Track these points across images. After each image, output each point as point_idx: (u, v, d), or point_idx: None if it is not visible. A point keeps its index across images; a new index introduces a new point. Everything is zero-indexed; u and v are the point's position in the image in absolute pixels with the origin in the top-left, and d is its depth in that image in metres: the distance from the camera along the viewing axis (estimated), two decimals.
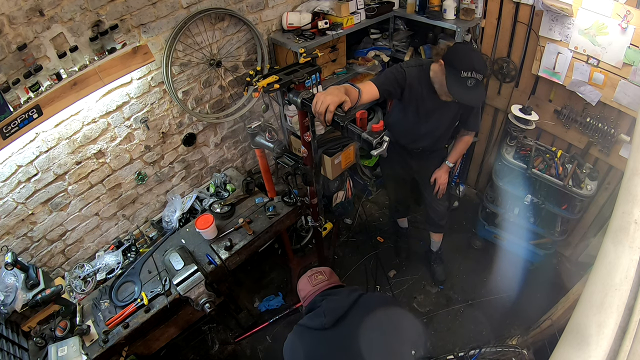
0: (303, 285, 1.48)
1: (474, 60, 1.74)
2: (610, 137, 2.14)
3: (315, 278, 1.45)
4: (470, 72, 1.72)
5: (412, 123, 2.10)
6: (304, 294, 1.45)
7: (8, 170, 1.80)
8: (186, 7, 2.04)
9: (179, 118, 2.34)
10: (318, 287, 1.43)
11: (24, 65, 1.62)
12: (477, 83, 1.75)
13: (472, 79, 1.73)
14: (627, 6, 1.80)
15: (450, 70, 1.77)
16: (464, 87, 1.75)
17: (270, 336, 2.55)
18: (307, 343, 1.25)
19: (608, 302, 1.01)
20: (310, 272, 1.50)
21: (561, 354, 1.06)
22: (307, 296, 1.42)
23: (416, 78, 1.91)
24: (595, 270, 1.12)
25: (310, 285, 1.44)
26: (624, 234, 1.09)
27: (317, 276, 1.46)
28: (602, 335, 0.97)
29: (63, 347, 1.75)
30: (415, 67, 1.93)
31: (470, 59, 1.74)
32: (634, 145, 1.33)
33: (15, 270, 1.82)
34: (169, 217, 2.38)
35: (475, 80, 1.74)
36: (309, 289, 1.43)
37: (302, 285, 1.48)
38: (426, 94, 1.94)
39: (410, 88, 1.92)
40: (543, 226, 2.58)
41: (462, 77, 1.73)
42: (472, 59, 1.75)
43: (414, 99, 1.97)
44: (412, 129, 2.13)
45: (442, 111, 2.02)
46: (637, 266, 1.04)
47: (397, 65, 1.95)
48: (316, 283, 1.43)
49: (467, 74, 1.72)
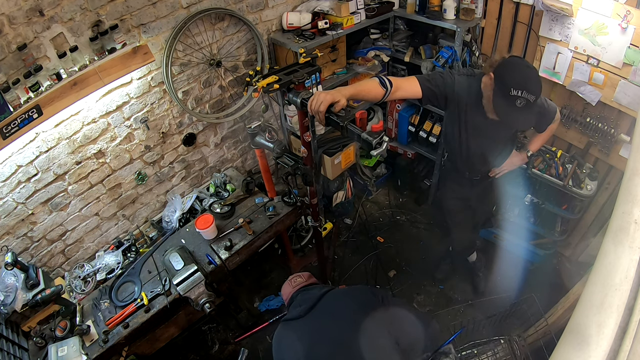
0: (285, 288, 1.64)
1: (528, 79, 1.54)
2: (610, 137, 2.14)
3: (295, 281, 1.62)
4: (522, 92, 1.52)
5: (460, 139, 1.92)
6: (285, 296, 1.61)
7: (8, 170, 1.80)
8: (186, 7, 2.04)
9: (179, 118, 2.34)
10: (296, 287, 1.58)
11: (24, 65, 1.63)
12: (527, 104, 1.54)
13: (522, 98, 1.53)
14: (627, 6, 1.80)
15: (500, 85, 1.58)
16: (511, 106, 1.55)
17: (270, 336, 2.53)
18: (287, 332, 1.38)
19: (608, 302, 1.01)
20: (290, 277, 1.67)
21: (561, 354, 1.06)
22: (288, 296, 1.58)
23: (466, 88, 1.73)
24: (595, 270, 1.12)
25: (290, 287, 1.60)
26: (624, 234, 1.09)
27: (296, 279, 1.63)
28: (602, 335, 0.97)
29: (63, 347, 1.75)
30: (466, 75, 1.76)
31: (523, 76, 1.55)
32: (634, 145, 1.33)
33: (15, 270, 1.82)
34: (169, 217, 2.38)
35: (525, 100, 1.53)
36: (289, 290, 1.59)
37: (284, 289, 1.64)
38: (475, 107, 1.75)
39: (457, 97, 1.75)
40: (543, 226, 2.58)
41: (511, 96, 1.54)
42: (526, 76, 1.55)
43: (462, 111, 1.80)
44: (460, 146, 1.95)
45: (494, 129, 1.79)
46: (637, 266, 1.04)
47: (447, 70, 1.82)
48: (295, 285, 1.60)
49: (517, 92, 1.52)
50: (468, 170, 2.10)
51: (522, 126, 1.73)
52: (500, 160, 2.05)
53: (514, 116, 1.59)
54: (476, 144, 1.91)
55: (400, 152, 3.38)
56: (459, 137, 1.92)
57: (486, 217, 2.56)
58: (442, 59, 2.52)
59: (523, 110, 1.56)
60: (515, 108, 1.56)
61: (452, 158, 2.14)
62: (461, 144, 1.95)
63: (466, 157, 2.00)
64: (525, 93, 1.52)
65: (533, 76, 1.57)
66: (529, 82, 1.54)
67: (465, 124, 1.86)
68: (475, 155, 1.96)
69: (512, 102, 1.55)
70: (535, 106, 1.59)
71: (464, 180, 2.15)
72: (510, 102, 1.55)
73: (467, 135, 1.89)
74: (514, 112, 1.57)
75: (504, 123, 1.69)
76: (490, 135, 1.86)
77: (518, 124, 1.69)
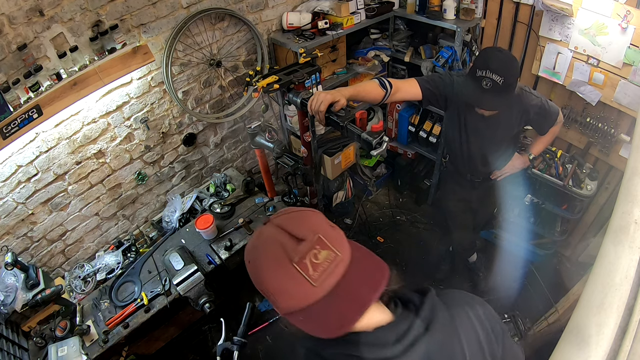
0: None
1: (493, 59, 1.56)
2: (610, 137, 2.14)
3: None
4: (485, 72, 1.54)
5: (460, 140, 1.93)
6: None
7: (8, 170, 1.80)
8: (186, 7, 2.04)
9: (179, 118, 2.34)
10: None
11: (24, 65, 1.62)
12: (494, 86, 1.56)
13: (487, 79, 1.54)
14: (627, 6, 1.80)
15: (469, 70, 1.64)
16: (479, 88, 1.58)
17: (270, 336, 2.54)
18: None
19: (608, 302, 1.01)
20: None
21: (561, 354, 1.05)
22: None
23: (464, 88, 1.75)
24: (595, 270, 1.12)
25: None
26: (624, 234, 1.09)
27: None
28: (602, 335, 0.97)
29: (63, 347, 1.75)
30: (464, 76, 1.78)
31: (488, 57, 1.57)
32: (634, 145, 1.33)
33: (15, 270, 1.82)
34: (169, 217, 2.38)
35: (491, 81, 1.55)
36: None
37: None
38: (472, 106, 1.79)
39: (457, 98, 1.78)
40: (543, 226, 2.58)
41: (477, 77, 1.57)
42: (492, 57, 1.57)
43: (462, 112, 1.83)
44: (461, 147, 1.97)
45: (493, 129, 1.82)
46: (637, 266, 1.04)
47: (447, 71, 1.85)
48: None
49: (482, 72, 1.55)
50: (469, 172, 2.10)
51: (488, 107, 1.70)
52: (501, 161, 2.04)
53: (479, 97, 1.61)
54: (476, 144, 1.91)
55: (400, 152, 3.38)
56: (459, 138, 1.92)
57: (487, 219, 2.56)
58: (442, 59, 2.52)
59: (489, 92, 1.57)
60: (482, 89, 1.57)
61: (453, 159, 2.14)
62: (461, 144, 1.95)
63: (467, 158, 2.00)
64: (489, 72, 1.53)
65: (500, 58, 1.57)
66: (493, 62, 1.54)
67: (464, 124, 1.87)
68: (476, 156, 1.96)
69: (479, 83, 1.57)
70: (503, 90, 1.57)
71: (465, 182, 2.15)
72: (477, 83, 1.57)
73: (467, 135, 1.90)
74: (480, 93, 1.58)
75: (508, 120, 1.69)
76: (489, 136, 1.86)
77: (483, 105, 1.68)
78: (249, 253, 0.74)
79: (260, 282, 0.69)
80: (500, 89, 1.56)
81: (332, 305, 0.65)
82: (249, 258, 0.73)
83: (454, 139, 1.96)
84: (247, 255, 0.74)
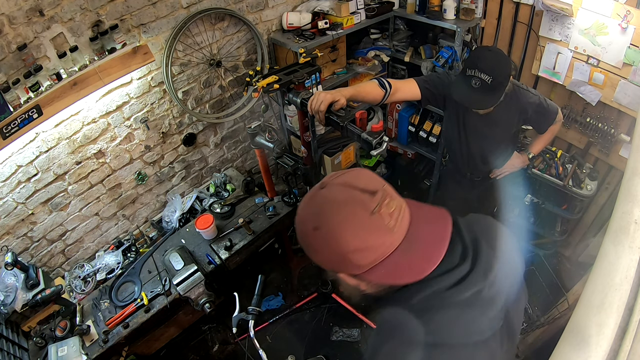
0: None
1: (482, 58, 1.56)
2: (610, 137, 2.14)
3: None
4: (474, 71, 1.55)
5: (459, 139, 1.94)
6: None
7: (8, 170, 1.80)
8: (186, 7, 2.04)
9: (179, 118, 2.34)
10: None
11: (24, 65, 1.63)
12: (482, 85, 1.56)
13: (476, 78, 1.55)
14: (627, 6, 1.80)
15: (461, 69, 1.64)
16: (466, 86, 1.59)
17: (270, 336, 2.54)
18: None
19: (608, 302, 1.01)
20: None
21: (561, 354, 1.05)
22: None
23: (456, 87, 1.75)
24: (595, 270, 1.12)
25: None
26: (624, 234, 1.09)
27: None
28: (602, 335, 0.97)
29: (63, 347, 1.75)
30: (457, 75, 1.79)
31: (477, 57, 1.58)
32: (634, 145, 1.33)
33: (15, 270, 1.82)
34: (169, 217, 2.38)
35: (480, 81, 1.55)
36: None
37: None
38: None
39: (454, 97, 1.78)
40: (543, 226, 2.58)
41: (467, 76, 1.59)
42: (480, 57, 1.58)
43: (460, 111, 1.83)
44: (460, 146, 1.98)
45: (492, 128, 1.82)
46: (637, 266, 1.04)
47: (445, 71, 1.85)
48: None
49: (471, 72, 1.56)
50: (469, 171, 2.10)
51: (476, 106, 1.70)
52: (501, 160, 2.04)
53: (467, 96, 1.61)
54: (475, 143, 1.92)
55: (400, 152, 3.38)
56: (459, 137, 1.93)
57: None
58: (442, 59, 2.52)
59: (478, 91, 1.57)
60: (471, 89, 1.58)
61: (453, 159, 2.14)
62: (461, 144, 1.96)
63: (466, 157, 2.00)
64: (478, 72, 1.54)
65: (489, 57, 1.57)
66: (481, 61, 1.55)
67: (463, 124, 1.87)
68: (475, 155, 1.97)
69: (468, 82, 1.58)
70: (492, 89, 1.57)
71: (465, 181, 2.15)
72: (467, 82, 1.58)
73: (466, 135, 1.90)
74: (469, 92, 1.59)
75: (506, 119, 1.68)
76: (488, 135, 1.86)
77: (472, 104, 1.68)
78: (314, 219, 0.68)
79: (337, 245, 0.65)
80: (489, 87, 1.57)
81: (412, 248, 0.68)
82: (316, 224, 0.67)
83: (453, 138, 1.96)
84: (311, 223, 0.68)
